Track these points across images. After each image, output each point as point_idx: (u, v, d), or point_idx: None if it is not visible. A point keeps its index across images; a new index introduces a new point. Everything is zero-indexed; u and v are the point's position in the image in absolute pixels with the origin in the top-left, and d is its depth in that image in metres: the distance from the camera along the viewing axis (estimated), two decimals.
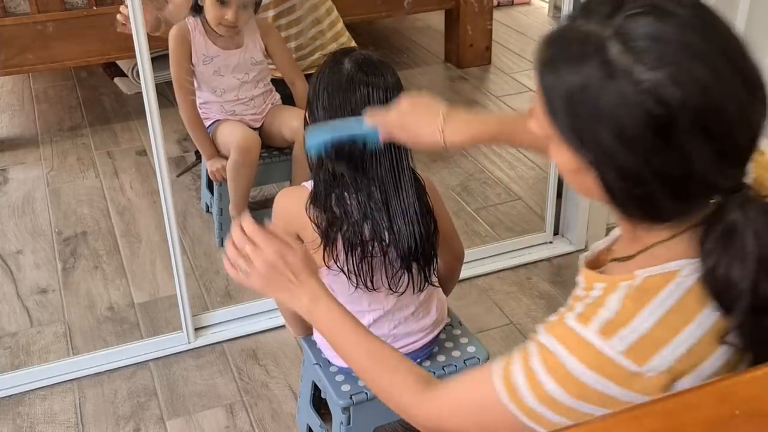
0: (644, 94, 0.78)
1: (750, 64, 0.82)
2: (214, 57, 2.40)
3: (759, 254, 0.83)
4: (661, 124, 0.78)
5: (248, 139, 2.42)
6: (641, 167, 0.81)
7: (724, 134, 0.80)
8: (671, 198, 0.84)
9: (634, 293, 0.87)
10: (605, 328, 0.86)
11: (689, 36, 0.79)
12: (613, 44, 0.80)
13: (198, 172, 2.95)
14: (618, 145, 0.81)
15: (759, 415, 0.72)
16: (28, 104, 3.66)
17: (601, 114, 0.81)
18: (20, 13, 3.05)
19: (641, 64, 0.78)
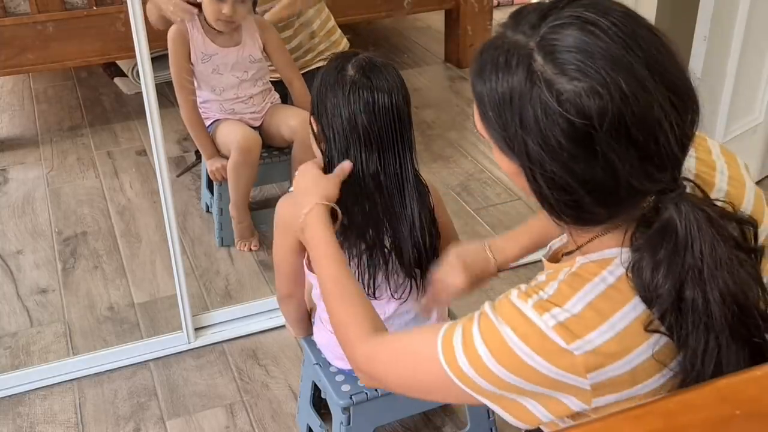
0: (565, 104, 0.79)
1: (677, 74, 0.83)
2: (212, 55, 2.40)
3: (686, 260, 0.84)
4: (581, 134, 0.80)
5: (249, 138, 2.42)
6: (566, 175, 0.83)
7: (647, 143, 0.81)
8: (599, 204, 0.86)
9: (570, 278, 0.90)
10: (540, 305, 0.89)
11: (612, 47, 0.79)
12: (538, 55, 0.81)
13: (198, 172, 2.95)
14: (543, 154, 0.83)
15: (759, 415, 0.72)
16: (28, 104, 3.66)
17: (527, 123, 0.82)
18: (20, 13, 3.04)
19: (563, 75, 0.80)
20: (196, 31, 2.38)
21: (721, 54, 2.37)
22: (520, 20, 0.85)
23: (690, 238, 0.84)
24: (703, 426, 0.72)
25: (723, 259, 0.84)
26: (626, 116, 0.79)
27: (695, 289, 0.84)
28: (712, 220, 0.85)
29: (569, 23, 0.81)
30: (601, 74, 0.79)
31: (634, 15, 0.83)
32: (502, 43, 0.85)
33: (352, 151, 1.41)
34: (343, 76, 1.40)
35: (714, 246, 0.84)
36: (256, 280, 2.45)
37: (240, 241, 2.56)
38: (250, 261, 2.54)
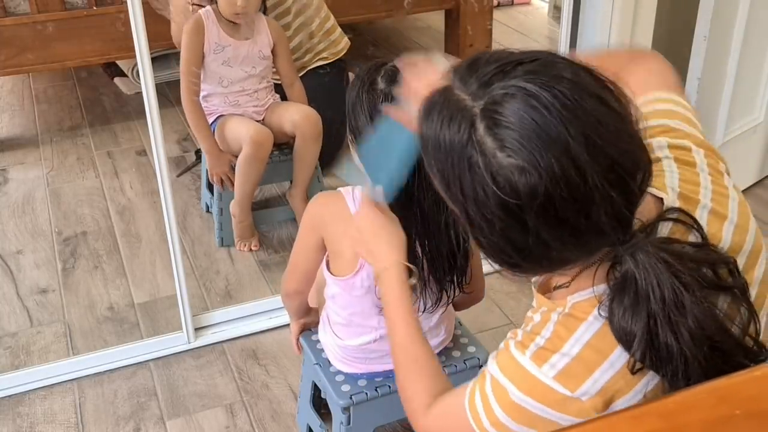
0: (499, 179, 0.80)
1: (625, 142, 0.82)
2: (225, 46, 2.42)
3: (650, 307, 0.84)
4: (513, 208, 0.81)
5: (261, 132, 2.43)
6: (501, 240, 0.84)
7: (578, 220, 0.81)
8: (537, 267, 0.89)
9: (564, 319, 0.91)
10: (538, 355, 0.90)
11: (550, 124, 0.79)
12: (480, 123, 0.82)
13: (198, 172, 2.95)
14: (481, 221, 0.84)
15: (759, 415, 0.72)
16: (28, 104, 3.66)
17: (465, 189, 0.84)
18: (20, 13, 3.04)
19: (500, 150, 0.80)
20: (211, 22, 2.41)
21: (721, 54, 2.37)
22: (471, 74, 0.85)
23: (649, 287, 0.84)
24: (702, 426, 0.72)
25: (687, 303, 0.83)
26: (555, 196, 0.79)
27: (666, 333, 0.84)
28: (671, 266, 0.84)
29: (512, 94, 0.81)
30: (534, 155, 0.79)
31: (583, 84, 0.82)
32: (450, 98, 0.86)
33: None
34: (374, 90, 1.37)
35: (676, 292, 0.83)
36: (256, 280, 2.45)
37: (240, 241, 2.56)
38: (250, 261, 2.54)
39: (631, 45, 2.35)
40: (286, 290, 1.65)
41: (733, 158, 2.64)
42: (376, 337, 1.54)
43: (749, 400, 0.74)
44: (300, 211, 2.57)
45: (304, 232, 1.53)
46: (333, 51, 2.89)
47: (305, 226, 1.53)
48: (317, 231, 1.49)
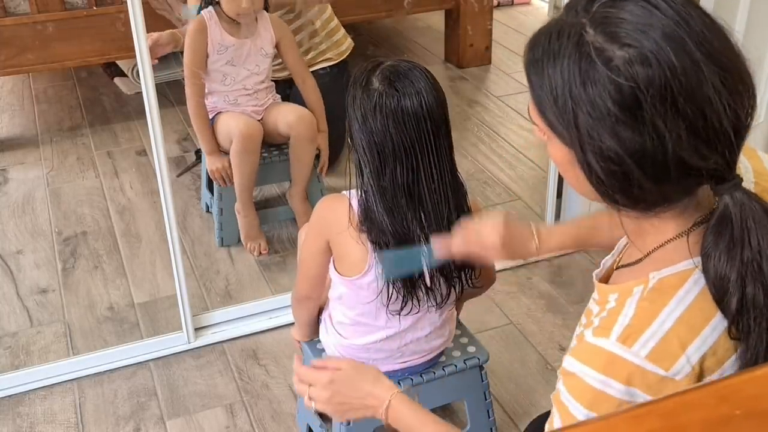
0: (615, 69, 0.80)
1: (731, 58, 0.83)
2: (228, 47, 2.43)
3: (744, 254, 0.82)
4: (629, 99, 0.80)
5: (250, 125, 2.43)
6: (615, 144, 0.82)
7: (695, 116, 0.80)
8: (650, 179, 0.84)
9: (650, 295, 0.86)
10: (625, 335, 0.85)
11: (664, 21, 0.80)
12: (590, 28, 0.82)
13: (198, 172, 2.95)
14: (592, 122, 0.82)
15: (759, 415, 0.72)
16: (28, 104, 3.66)
17: (577, 93, 0.82)
18: (20, 13, 3.04)
19: (613, 42, 0.80)
20: (213, 23, 2.41)
21: None
22: (571, 6, 0.87)
23: (746, 230, 0.82)
24: (702, 426, 0.71)
25: None
26: (674, 86, 0.79)
27: (755, 284, 0.82)
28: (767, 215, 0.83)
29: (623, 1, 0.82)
30: (651, 43, 0.79)
31: (693, 3, 0.84)
32: (554, 27, 0.86)
33: (385, 167, 1.38)
34: (370, 89, 1.37)
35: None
36: (256, 280, 2.45)
37: (248, 242, 2.55)
38: (250, 261, 2.54)
39: None
40: (297, 295, 1.65)
41: None
42: (383, 336, 1.54)
43: (750, 400, 0.74)
44: (299, 211, 2.57)
45: (310, 237, 1.53)
46: (336, 52, 2.90)
47: (311, 231, 1.53)
48: (323, 235, 1.49)
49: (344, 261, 1.48)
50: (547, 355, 2.13)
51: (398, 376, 1.62)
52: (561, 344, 2.17)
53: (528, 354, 2.14)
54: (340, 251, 1.48)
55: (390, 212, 1.40)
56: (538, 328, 2.22)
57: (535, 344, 2.17)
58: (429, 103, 1.36)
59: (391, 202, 1.40)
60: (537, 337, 2.19)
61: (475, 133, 3.32)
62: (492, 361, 1.90)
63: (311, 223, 1.54)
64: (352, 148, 1.43)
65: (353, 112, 1.39)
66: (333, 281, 1.53)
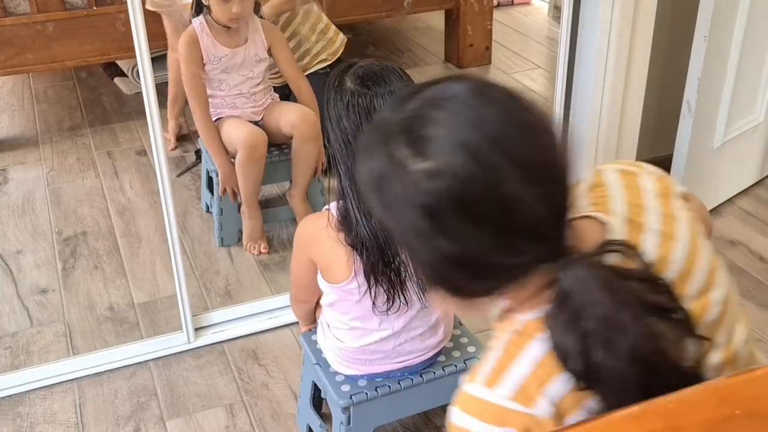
0: (416, 184, 0.81)
1: (536, 151, 0.82)
2: (222, 57, 2.42)
3: (586, 326, 0.83)
4: (430, 211, 0.81)
5: (254, 135, 2.43)
6: (429, 254, 0.84)
7: (501, 216, 0.81)
8: (469, 279, 0.86)
9: (515, 338, 0.89)
10: (490, 379, 0.87)
11: (461, 130, 0.80)
12: (397, 137, 0.83)
13: (198, 172, 2.95)
14: (414, 239, 0.85)
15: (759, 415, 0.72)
16: (28, 104, 3.66)
17: (390, 202, 0.85)
18: (20, 13, 3.04)
19: (416, 156, 0.81)
20: (205, 35, 2.40)
21: (721, 54, 2.37)
22: (391, 104, 0.89)
23: (583, 304, 0.83)
24: (703, 426, 0.71)
25: (622, 322, 0.82)
26: (469, 194, 0.80)
27: (600, 353, 0.83)
28: (612, 283, 0.83)
29: (427, 105, 0.83)
30: (446, 156, 0.80)
31: (492, 96, 0.84)
32: (373, 126, 0.90)
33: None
34: (342, 89, 1.39)
35: (610, 310, 0.82)
36: (256, 280, 2.45)
37: (250, 243, 2.55)
38: (250, 261, 2.54)
39: (631, 57, 2.35)
40: (293, 298, 1.73)
41: (733, 158, 2.66)
42: (377, 338, 1.55)
43: (750, 400, 0.74)
44: (300, 211, 2.57)
45: (295, 252, 1.60)
46: (330, 51, 2.89)
47: (296, 247, 1.59)
48: (305, 252, 1.54)
49: (330, 271, 1.50)
50: None
51: (397, 377, 1.62)
52: None
53: None
54: (324, 263, 1.51)
55: (367, 213, 1.40)
56: None
57: None
58: None
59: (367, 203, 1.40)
60: None
61: None
62: None
63: (295, 239, 1.59)
64: (330, 152, 1.44)
65: (327, 113, 1.41)
66: (323, 290, 1.54)
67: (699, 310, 0.93)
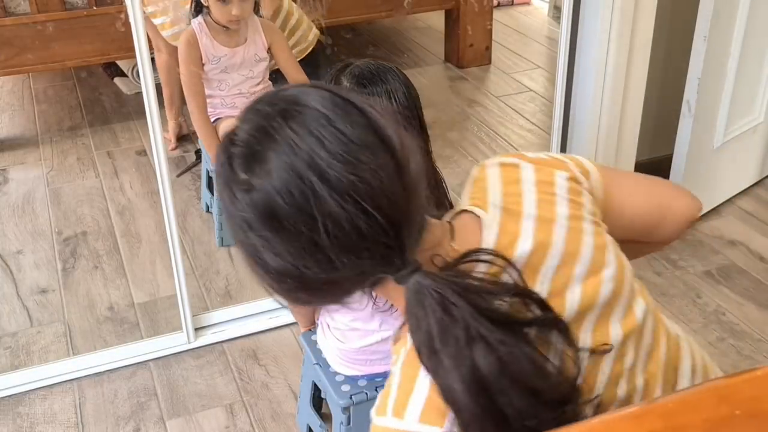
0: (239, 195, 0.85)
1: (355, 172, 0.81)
2: (221, 57, 2.43)
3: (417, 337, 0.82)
4: (248, 223, 0.84)
5: None
6: (261, 267, 0.87)
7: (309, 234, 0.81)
8: (296, 290, 0.87)
9: (408, 358, 0.87)
10: (396, 408, 0.86)
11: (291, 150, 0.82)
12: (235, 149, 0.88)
13: (198, 172, 2.95)
14: (239, 244, 0.89)
15: (759, 415, 0.72)
16: (28, 104, 3.66)
17: (225, 209, 0.89)
18: (20, 13, 3.04)
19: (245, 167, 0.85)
20: (204, 34, 2.40)
21: (721, 54, 2.37)
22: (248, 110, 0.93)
23: (417, 317, 0.82)
24: (703, 426, 0.72)
25: (455, 339, 0.80)
26: (278, 208, 0.81)
27: (437, 371, 0.82)
28: (448, 297, 0.82)
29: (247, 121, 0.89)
30: (268, 171, 0.82)
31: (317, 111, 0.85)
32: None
33: None
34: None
35: (442, 324, 0.80)
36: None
37: None
38: None
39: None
40: None
41: (733, 158, 2.66)
42: (378, 339, 1.55)
43: (750, 400, 0.74)
44: None
45: None
46: (302, 47, 2.87)
47: None
48: None
49: None
50: None
51: None
52: None
53: None
54: None
55: None
56: None
57: None
58: (399, 100, 1.38)
59: None
60: None
61: (475, 133, 3.32)
62: None
63: None
64: None
65: None
66: None
67: (591, 290, 0.92)
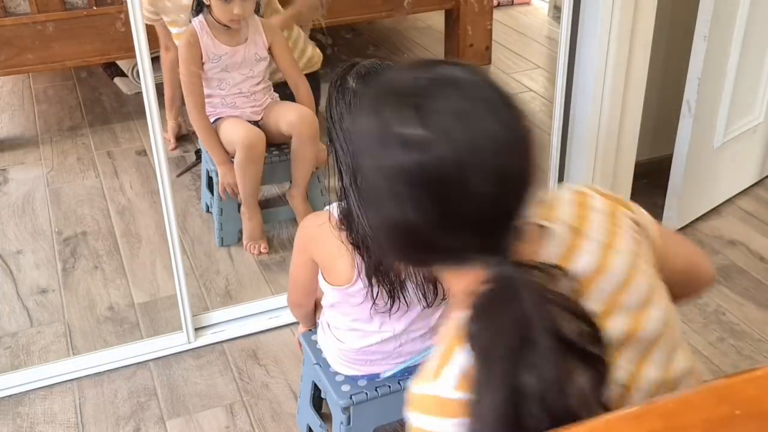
0: (398, 147, 0.83)
1: (510, 151, 0.84)
2: (222, 55, 2.43)
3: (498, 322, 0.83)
4: (400, 175, 0.83)
5: (253, 135, 2.44)
6: (379, 211, 0.88)
7: (451, 203, 0.82)
8: (404, 246, 0.89)
9: (454, 333, 0.89)
10: (434, 373, 0.88)
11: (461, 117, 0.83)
12: (400, 100, 0.86)
13: (198, 172, 2.95)
14: (368, 189, 0.89)
15: (759, 415, 0.72)
16: (28, 104, 3.66)
17: (366, 156, 0.88)
18: (20, 13, 3.04)
19: (410, 121, 0.83)
20: (205, 33, 2.40)
21: (721, 54, 2.37)
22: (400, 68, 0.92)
23: (504, 303, 0.83)
24: (703, 426, 0.72)
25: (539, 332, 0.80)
26: (440, 174, 0.82)
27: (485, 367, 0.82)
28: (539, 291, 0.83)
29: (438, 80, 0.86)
30: (435, 132, 0.82)
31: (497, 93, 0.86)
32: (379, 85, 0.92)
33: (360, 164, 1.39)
34: (344, 88, 1.39)
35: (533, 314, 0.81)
36: (256, 280, 2.45)
37: (250, 243, 2.56)
38: (250, 261, 2.54)
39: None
40: (290, 302, 1.72)
41: (733, 158, 2.66)
42: (378, 339, 1.55)
43: (750, 400, 0.74)
44: (300, 211, 2.57)
45: (296, 252, 1.59)
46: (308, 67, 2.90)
47: (297, 246, 1.58)
48: (306, 251, 1.54)
49: (332, 272, 1.50)
50: None
51: (397, 377, 1.62)
52: None
53: None
54: (326, 264, 1.50)
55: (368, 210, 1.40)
56: None
57: None
58: None
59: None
60: None
61: None
62: None
63: (296, 239, 1.58)
64: (332, 152, 1.44)
65: (329, 112, 1.41)
66: (324, 290, 1.54)
67: (634, 323, 0.93)
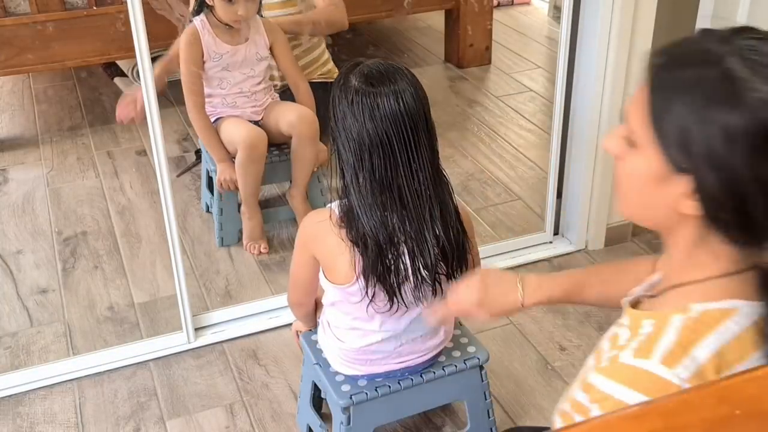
0: (760, 102, 0.81)
1: None
2: (223, 54, 2.43)
3: None
4: (755, 130, 0.81)
5: (254, 135, 2.44)
6: (746, 173, 0.83)
7: None
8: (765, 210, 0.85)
9: (693, 324, 0.89)
10: (668, 358, 0.87)
11: None
12: (732, 59, 0.83)
13: (198, 172, 2.95)
14: (728, 148, 0.83)
15: (759, 415, 0.72)
16: (28, 104, 3.66)
17: (714, 117, 0.83)
18: (20, 13, 3.05)
19: (759, 76, 0.81)
20: (206, 31, 2.41)
21: None
22: (708, 34, 0.88)
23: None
24: (703, 426, 0.71)
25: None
26: None
27: None
28: None
29: (765, 38, 0.84)
30: None
31: None
32: (692, 47, 0.88)
33: (363, 162, 1.39)
34: (347, 87, 1.39)
35: None
36: (256, 280, 2.45)
37: (250, 243, 2.56)
38: (250, 261, 2.54)
39: (632, 47, 2.35)
40: (290, 301, 1.72)
41: None
42: (378, 339, 1.55)
43: (750, 400, 0.74)
44: (300, 211, 2.57)
45: (297, 249, 1.59)
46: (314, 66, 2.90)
47: (298, 244, 1.58)
48: (308, 249, 1.54)
49: (333, 271, 1.50)
50: (547, 355, 2.13)
51: (397, 376, 1.62)
52: (561, 344, 2.17)
53: (528, 354, 2.14)
54: (327, 262, 1.50)
55: (369, 208, 1.41)
56: (538, 328, 2.22)
57: (535, 344, 2.17)
58: (406, 100, 1.38)
59: (369, 198, 1.41)
60: (537, 337, 2.19)
61: (475, 133, 3.32)
62: (492, 361, 1.90)
63: (297, 236, 1.58)
64: (334, 151, 1.44)
65: (333, 111, 1.42)
66: (325, 289, 1.54)
67: None
